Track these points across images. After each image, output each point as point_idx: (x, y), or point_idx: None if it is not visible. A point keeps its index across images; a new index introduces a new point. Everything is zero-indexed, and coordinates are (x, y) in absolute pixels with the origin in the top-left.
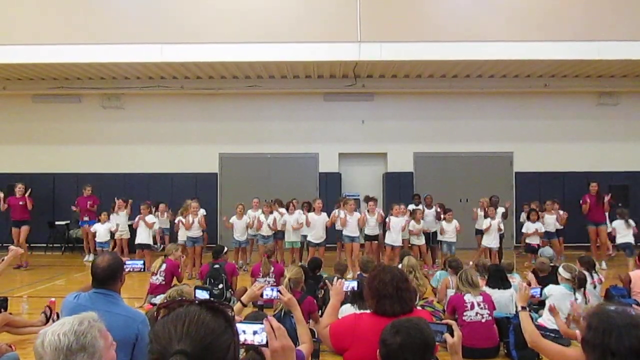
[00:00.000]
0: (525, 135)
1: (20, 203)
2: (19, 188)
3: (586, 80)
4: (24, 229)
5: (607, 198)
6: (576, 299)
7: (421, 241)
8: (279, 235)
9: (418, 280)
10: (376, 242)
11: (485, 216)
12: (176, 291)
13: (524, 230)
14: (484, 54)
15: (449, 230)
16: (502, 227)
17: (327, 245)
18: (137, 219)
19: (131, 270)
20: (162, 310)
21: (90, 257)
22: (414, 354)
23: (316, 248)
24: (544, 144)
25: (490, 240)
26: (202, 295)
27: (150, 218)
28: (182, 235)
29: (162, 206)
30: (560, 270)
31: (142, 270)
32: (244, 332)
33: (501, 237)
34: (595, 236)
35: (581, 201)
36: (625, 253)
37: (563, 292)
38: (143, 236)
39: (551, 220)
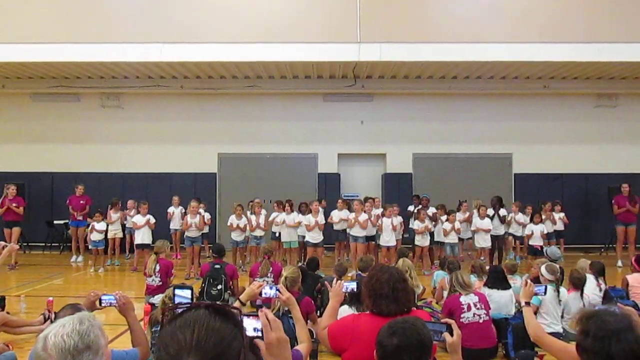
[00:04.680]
0: (525, 136)
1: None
2: (11, 189)
3: (585, 82)
4: (15, 230)
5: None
6: (559, 300)
7: (425, 242)
8: (274, 237)
9: (412, 280)
10: (362, 243)
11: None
12: (172, 292)
13: (527, 232)
14: (484, 55)
15: (451, 232)
16: (497, 228)
17: (325, 246)
18: (140, 218)
19: (108, 305)
20: (167, 313)
21: (80, 259)
22: (410, 354)
23: (314, 248)
24: (543, 145)
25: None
26: (183, 294)
27: (151, 218)
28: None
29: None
30: (543, 271)
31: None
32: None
33: (498, 237)
34: (624, 236)
35: (613, 201)
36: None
37: (551, 292)
38: (143, 236)
39: (558, 220)
